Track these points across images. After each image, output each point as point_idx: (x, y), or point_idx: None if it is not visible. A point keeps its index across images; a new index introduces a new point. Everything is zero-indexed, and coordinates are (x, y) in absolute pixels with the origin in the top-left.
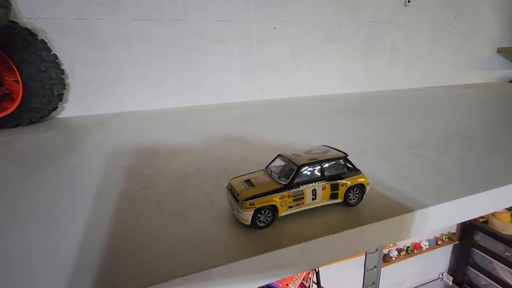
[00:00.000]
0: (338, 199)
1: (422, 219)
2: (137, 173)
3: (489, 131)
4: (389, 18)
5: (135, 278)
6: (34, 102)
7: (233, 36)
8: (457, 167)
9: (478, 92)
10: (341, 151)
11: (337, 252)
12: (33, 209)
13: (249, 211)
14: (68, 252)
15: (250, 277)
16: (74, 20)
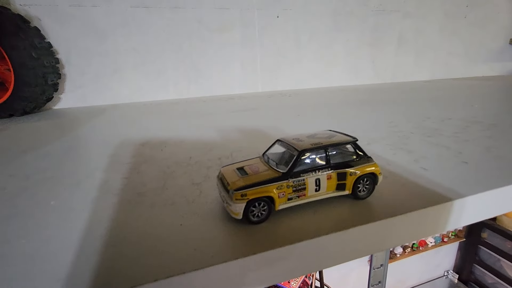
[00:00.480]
0: (345, 190)
1: (452, 212)
2: (124, 162)
3: (510, 120)
4: (397, 6)
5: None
6: (27, 91)
7: (235, 25)
8: (484, 157)
9: (492, 84)
10: (349, 136)
11: (344, 253)
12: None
13: (241, 203)
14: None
15: (239, 281)
16: (69, 7)
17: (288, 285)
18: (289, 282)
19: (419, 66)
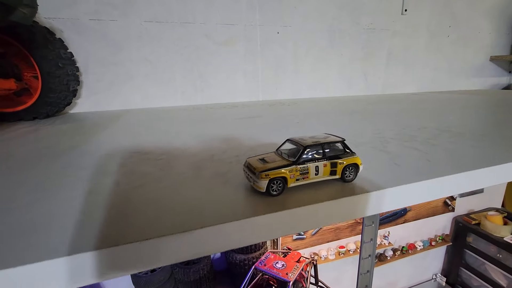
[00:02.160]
0: (336, 175)
1: (400, 192)
2: (156, 159)
3: (476, 129)
4: (386, 25)
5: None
6: (52, 97)
7: (239, 39)
8: (444, 156)
9: (472, 98)
10: (339, 137)
11: (333, 215)
12: (55, 183)
13: (265, 181)
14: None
15: (265, 230)
16: (89, 21)
17: (286, 276)
18: (287, 274)
19: (407, 80)
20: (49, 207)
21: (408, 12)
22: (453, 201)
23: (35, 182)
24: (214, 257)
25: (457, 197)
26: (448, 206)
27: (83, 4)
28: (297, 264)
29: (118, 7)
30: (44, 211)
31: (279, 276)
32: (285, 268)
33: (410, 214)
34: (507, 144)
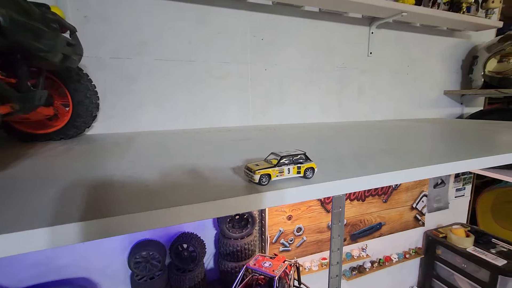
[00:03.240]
0: (301, 174)
1: (338, 185)
2: (185, 171)
3: (407, 149)
4: (355, 65)
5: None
6: (79, 121)
7: (233, 74)
8: (372, 165)
9: (425, 125)
10: (303, 151)
11: (295, 195)
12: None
13: (257, 176)
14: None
15: (255, 203)
16: (109, 59)
17: (273, 272)
18: (273, 271)
19: (375, 109)
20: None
21: (373, 55)
22: (423, 216)
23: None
24: (207, 267)
25: (426, 213)
26: (418, 221)
27: (105, 46)
28: (282, 264)
29: (134, 48)
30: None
31: (267, 273)
32: (272, 266)
33: (385, 228)
34: (419, 158)
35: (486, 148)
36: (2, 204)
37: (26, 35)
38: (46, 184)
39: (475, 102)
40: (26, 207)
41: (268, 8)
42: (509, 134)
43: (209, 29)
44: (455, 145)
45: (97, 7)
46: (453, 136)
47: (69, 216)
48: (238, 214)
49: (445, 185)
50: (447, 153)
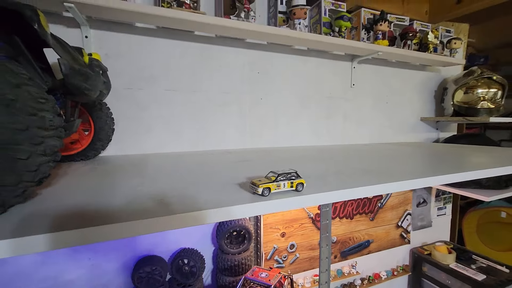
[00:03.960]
0: (293, 188)
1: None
2: (204, 185)
3: (385, 167)
4: (341, 94)
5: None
6: (98, 144)
7: (232, 103)
8: (349, 183)
9: (404, 148)
10: (295, 170)
11: (288, 203)
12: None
13: (261, 188)
14: None
15: (259, 209)
16: (124, 89)
17: (269, 281)
18: (270, 280)
19: (360, 133)
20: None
21: (356, 86)
22: (408, 234)
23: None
24: (205, 284)
25: (411, 231)
26: (404, 238)
27: (121, 79)
28: (277, 275)
29: (145, 80)
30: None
31: (264, 282)
32: (268, 277)
33: (373, 246)
34: (390, 175)
35: (451, 167)
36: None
37: (79, 78)
38: (109, 194)
39: (449, 128)
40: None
41: (263, 46)
42: (473, 155)
43: (212, 64)
44: (424, 165)
45: (116, 46)
46: (423, 157)
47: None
48: (236, 230)
49: (427, 204)
50: (415, 172)
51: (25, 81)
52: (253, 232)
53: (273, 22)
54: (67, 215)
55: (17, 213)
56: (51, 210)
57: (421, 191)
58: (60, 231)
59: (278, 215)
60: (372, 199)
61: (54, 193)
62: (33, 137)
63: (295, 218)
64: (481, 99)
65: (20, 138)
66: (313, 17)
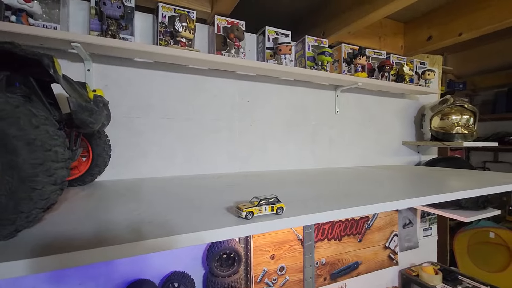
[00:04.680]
0: (274, 211)
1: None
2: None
3: (364, 191)
4: (326, 121)
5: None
6: (95, 170)
7: (223, 129)
8: (326, 206)
9: (385, 171)
10: (275, 195)
11: (268, 226)
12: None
13: (245, 212)
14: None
15: (243, 230)
16: (122, 118)
17: None
18: None
19: (344, 157)
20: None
21: (339, 113)
22: (396, 255)
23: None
24: None
25: (399, 252)
26: (392, 260)
27: (120, 108)
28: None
29: (142, 109)
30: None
31: None
32: None
33: (362, 267)
34: (367, 198)
35: (429, 189)
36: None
37: (85, 114)
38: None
39: (429, 151)
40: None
41: (253, 77)
42: (450, 178)
43: (204, 94)
44: (402, 187)
45: (116, 77)
46: (403, 180)
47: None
48: (226, 253)
49: (413, 225)
50: (392, 194)
51: (43, 121)
52: (243, 254)
53: (261, 56)
54: (60, 241)
55: (25, 237)
56: (50, 234)
57: (407, 212)
58: (38, 257)
59: (267, 237)
60: (359, 221)
61: (55, 218)
62: (48, 169)
63: (284, 240)
64: (455, 125)
65: (38, 171)
66: (298, 51)
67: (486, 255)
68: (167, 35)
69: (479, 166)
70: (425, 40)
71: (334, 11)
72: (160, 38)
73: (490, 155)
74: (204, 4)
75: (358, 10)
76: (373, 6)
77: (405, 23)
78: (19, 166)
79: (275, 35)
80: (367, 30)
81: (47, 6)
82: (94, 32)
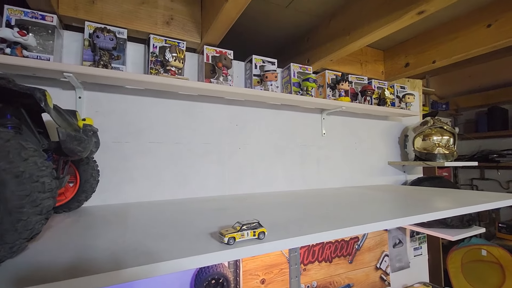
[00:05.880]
0: (256, 236)
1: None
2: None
3: (347, 213)
4: (313, 142)
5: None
6: (82, 196)
7: (212, 153)
8: (307, 230)
9: (370, 192)
10: (257, 220)
11: (251, 250)
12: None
13: (227, 238)
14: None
15: (225, 256)
16: (112, 143)
17: None
18: None
19: (332, 178)
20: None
21: (326, 135)
22: (388, 276)
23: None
24: None
25: (390, 273)
26: (384, 281)
27: (110, 133)
28: None
29: (132, 134)
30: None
31: None
32: None
33: None
34: (348, 221)
35: (413, 208)
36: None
37: (74, 142)
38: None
39: (415, 171)
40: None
41: (241, 102)
42: (432, 198)
43: (194, 118)
44: (388, 208)
45: (106, 104)
46: (389, 200)
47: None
48: (214, 279)
49: (403, 245)
50: (378, 215)
51: (31, 153)
52: (232, 280)
53: (249, 83)
54: (42, 271)
55: (8, 267)
56: (32, 265)
57: (396, 231)
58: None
59: (257, 261)
60: (349, 241)
61: (38, 247)
62: (34, 200)
63: (274, 263)
64: (436, 145)
65: (24, 203)
66: (284, 77)
67: (480, 274)
68: (157, 64)
69: (467, 184)
70: (403, 66)
71: (317, 41)
72: (151, 67)
73: (477, 172)
74: (194, 36)
75: (339, 41)
76: (352, 38)
77: (384, 51)
78: (6, 198)
79: (261, 63)
80: (349, 57)
81: (42, 38)
82: (86, 62)
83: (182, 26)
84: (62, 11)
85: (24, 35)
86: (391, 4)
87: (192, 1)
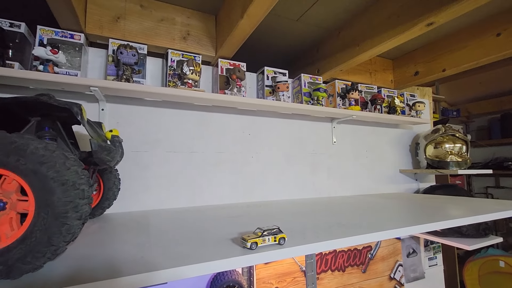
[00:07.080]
0: (276, 242)
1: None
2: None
3: (359, 220)
4: (324, 151)
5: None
6: (105, 204)
7: (226, 162)
8: (324, 236)
9: (382, 200)
10: (277, 226)
11: (269, 255)
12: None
13: (249, 243)
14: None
15: (248, 260)
16: (131, 152)
17: None
18: None
19: (343, 186)
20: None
21: (337, 143)
22: (402, 286)
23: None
24: None
25: (405, 283)
26: None
27: (130, 143)
28: None
29: (150, 144)
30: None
31: None
32: None
33: None
34: (359, 228)
35: (425, 217)
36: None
37: (104, 152)
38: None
39: (427, 178)
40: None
41: (254, 112)
42: (445, 206)
43: (208, 128)
44: (399, 216)
45: (127, 115)
46: (400, 208)
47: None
48: (229, 286)
49: (417, 254)
50: (390, 223)
51: (73, 163)
52: (246, 287)
53: (261, 93)
54: (82, 273)
55: (50, 268)
56: (72, 267)
57: (409, 240)
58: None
59: (270, 269)
60: (362, 250)
61: (72, 251)
62: (76, 206)
63: (288, 271)
64: (449, 153)
65: (68, 208)
66: (295, 88)
67: (498, 286)
68: (175, 77)
69: (481, 192)
70: (412, 75)
71: (327, 52)
72: (169, 80)
73: (492, 180)
74: (209, 49)
75: (348, 52)
76: (361, 48)
77: (393, 60)
78: (54, 204)
79: (273, 74)
80: (359, 67)
81: (70, 55)
82: (110, 76)
83: (198, 41)
84: (89, 30)
85: (56, 53)
86: (400, 16)
87: (207, 17)
